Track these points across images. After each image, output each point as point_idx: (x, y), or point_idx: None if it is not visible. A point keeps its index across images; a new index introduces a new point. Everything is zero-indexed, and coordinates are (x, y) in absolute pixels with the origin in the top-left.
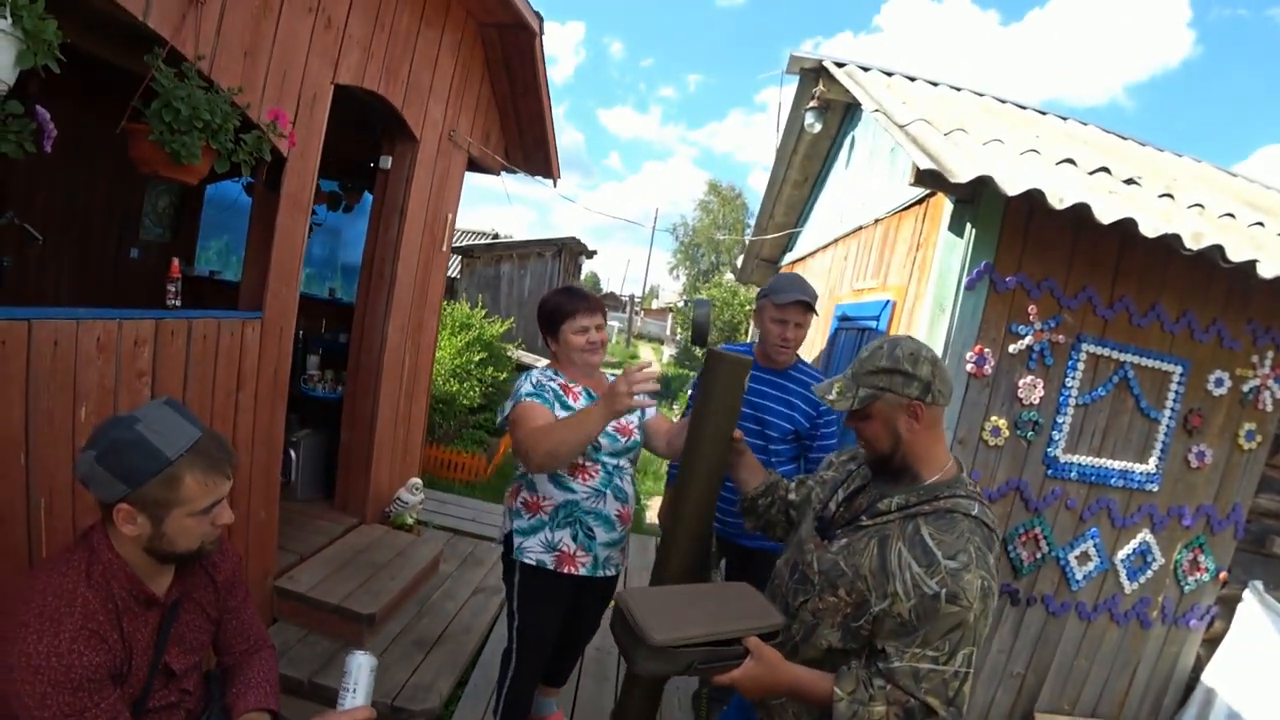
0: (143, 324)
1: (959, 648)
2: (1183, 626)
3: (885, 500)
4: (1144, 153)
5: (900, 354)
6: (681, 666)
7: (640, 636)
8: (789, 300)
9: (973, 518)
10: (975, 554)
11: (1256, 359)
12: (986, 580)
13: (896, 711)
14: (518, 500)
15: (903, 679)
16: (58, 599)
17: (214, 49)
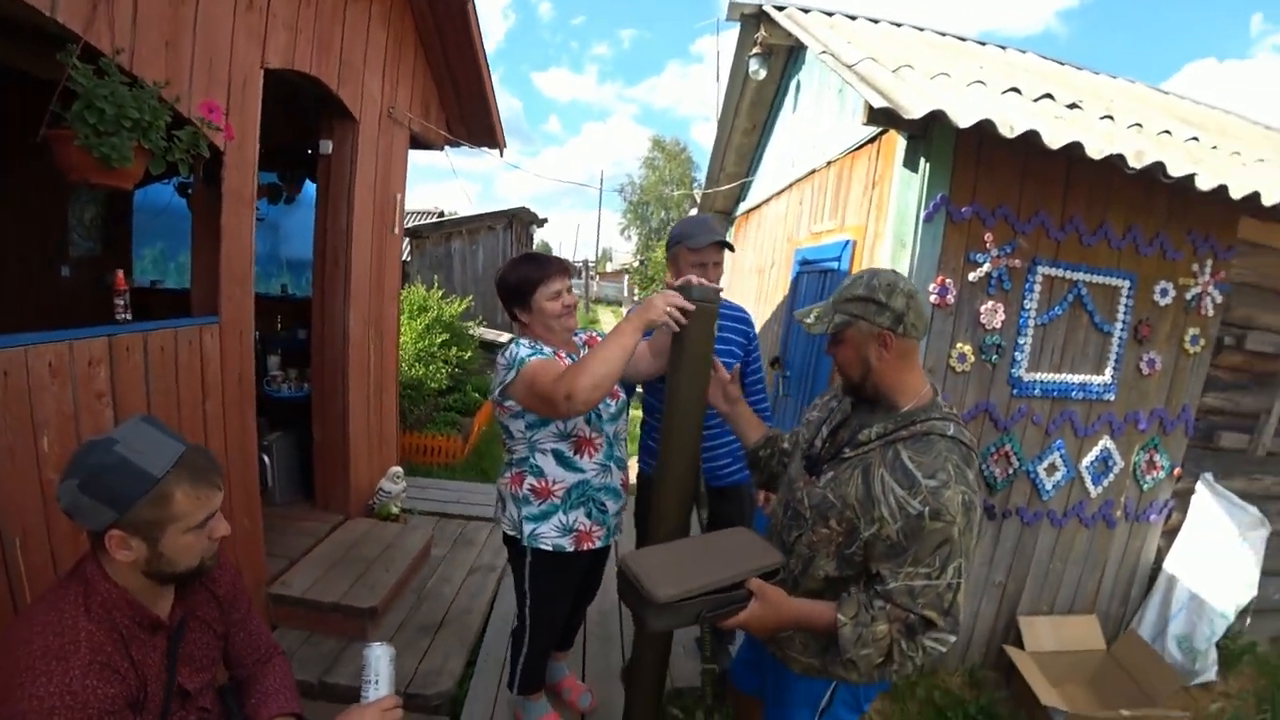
0: (95, 343)
1: (948, 561)
2: (1144, 522)
3: (865, 431)
4: (1082, 77)
5: (877, 284)
6: (690, 618)
7: (647, 597)
8: (705, 242)
9: (949, 438)
10: (954, 471)
11: (1197, 267)
12: (967, 495)
13: (898, 628)
14: (523, 488)
15: (900, 597)
16: (60, 636)
17: (132, 41)
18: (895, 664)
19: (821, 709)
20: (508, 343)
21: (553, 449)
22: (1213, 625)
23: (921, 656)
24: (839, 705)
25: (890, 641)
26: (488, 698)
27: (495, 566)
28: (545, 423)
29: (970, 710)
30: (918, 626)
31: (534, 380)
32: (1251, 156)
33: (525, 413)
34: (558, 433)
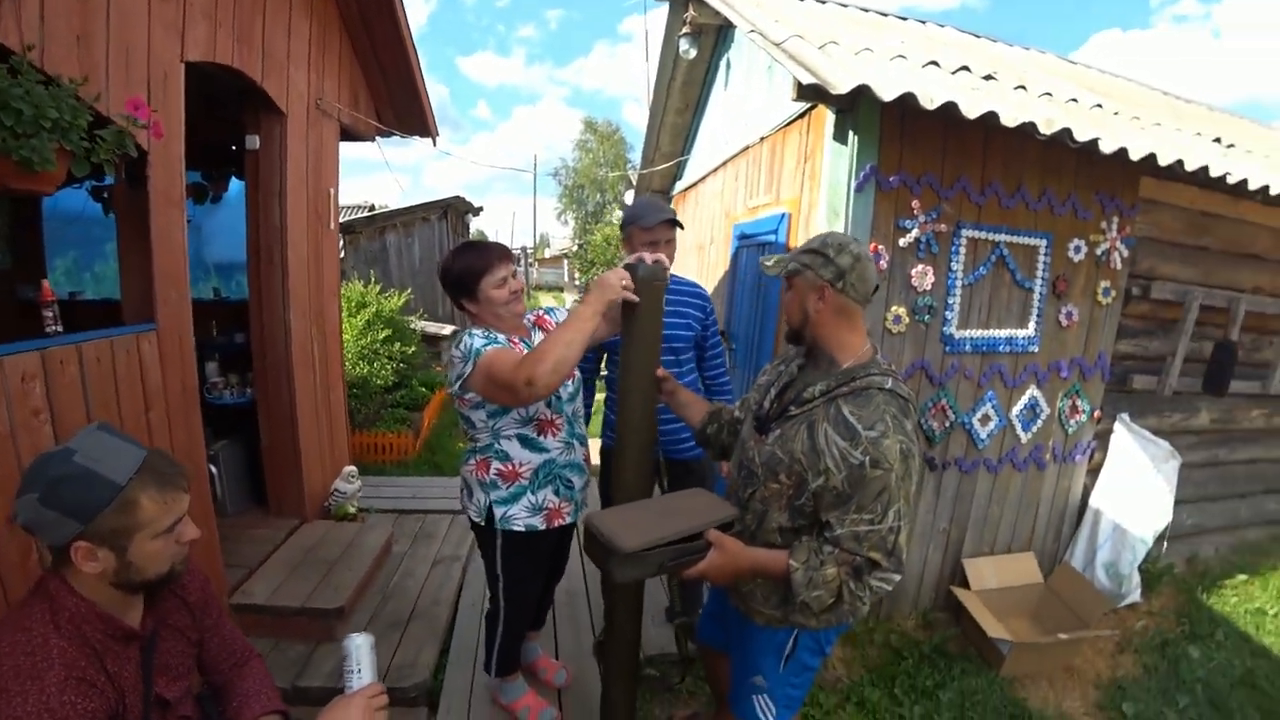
0: (26, 357)
1: (889, 506)
2: (1070, 463)
3: (809, 389)
4: (997, 49)
5: (829, 241)
6: (654, 568)
7: (613, 549)
8: (655, 221)
9: (886, 391)
10: (891, 422)
11: (1105, 225)
12: (904, 444)
13: (846, 570)
14: (490, 473)
15: (847, 543)
16: (30, 656)
17: (41, 36)
18: (846, 604)
19: (786, 655)
20: (460, 334)
21: (516, 434)
22: (1135, 551)
23: (869, 596)
24: (802, 650)
25: (839, 583)
26: (464, 685)
27: (459, 558)
28: (506, 410)
29: (924, 650)
30: (864, 568)
31: (491, 369)
32: (1149, 120)
33: (486, 402)
34: (520, 418)
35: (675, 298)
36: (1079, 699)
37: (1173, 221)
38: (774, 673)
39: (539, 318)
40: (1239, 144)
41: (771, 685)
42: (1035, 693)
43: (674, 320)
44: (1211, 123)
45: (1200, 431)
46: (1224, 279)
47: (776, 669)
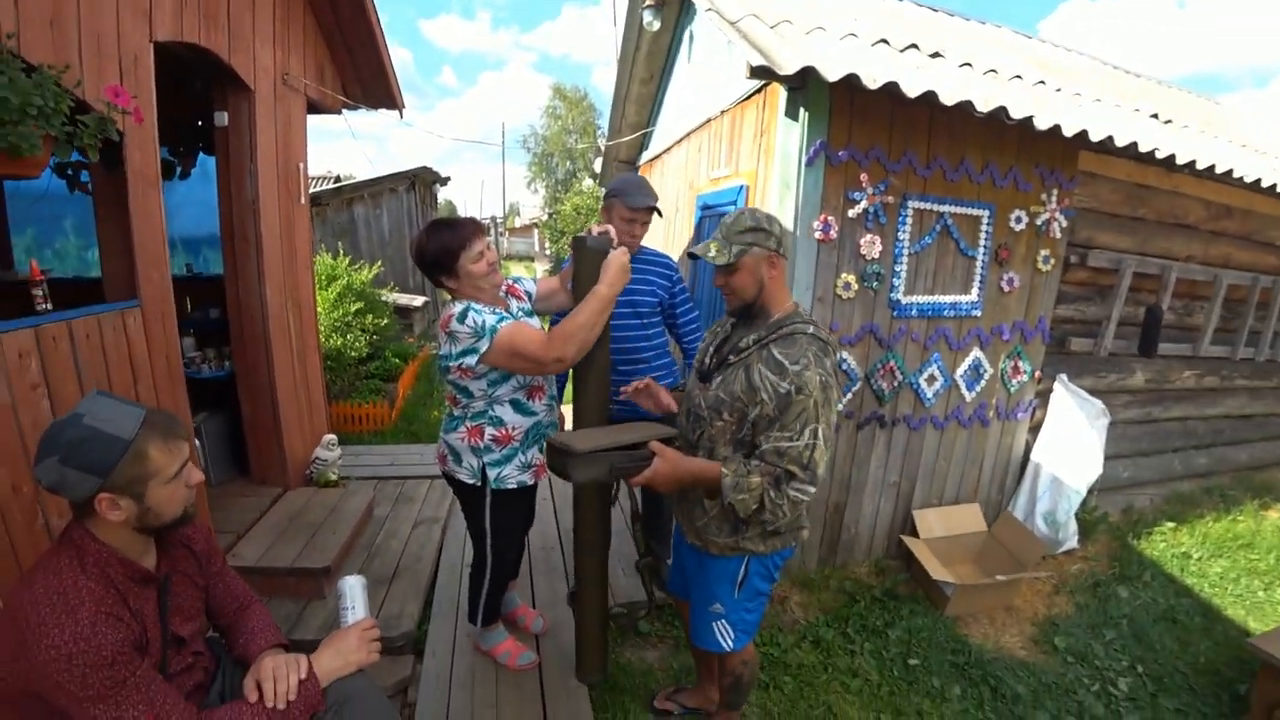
0: (21, 334)
1: (805, 426)
2: (1012, 420)
3: (744, 340)
4: (951, 25)
5: (760, 217)
6: (606, 468)
7: (570, 451)
8: (642, 205)
9: (809, 335)
10: (813, 357)
11: (1045, 196)
12: (823, 376)
13: (768, 480)
14: (485, 439)
15: (770, 457)
16: (63, 596)
17: (17, 24)
18: (768, 510)
19: (740, 581)
20: (459, 310)
21: (511, 399)
22: (1070, 500)
23: (788, 505)
24: (754, 576)
25: (761, 491)
26: (447, 634)
27: (438, 519)
28: (506, 378)
29: (875, 593)
30: (783, 478)
31: (516, 345)
32: (1090, 97)
33: (489, 372)
34: (517, 384)
35: (643, 266)
36: (1017, 635)
37: (1110, 194)
38: (730, 599)
39: (510, 287)
40: (1178, 119)
41: (728, 610)
42: (977, 630)
43: (641, 287)
44: (1155, 98)
45: (1135, 391)
46: (1159, 248)
47: (732, 595)
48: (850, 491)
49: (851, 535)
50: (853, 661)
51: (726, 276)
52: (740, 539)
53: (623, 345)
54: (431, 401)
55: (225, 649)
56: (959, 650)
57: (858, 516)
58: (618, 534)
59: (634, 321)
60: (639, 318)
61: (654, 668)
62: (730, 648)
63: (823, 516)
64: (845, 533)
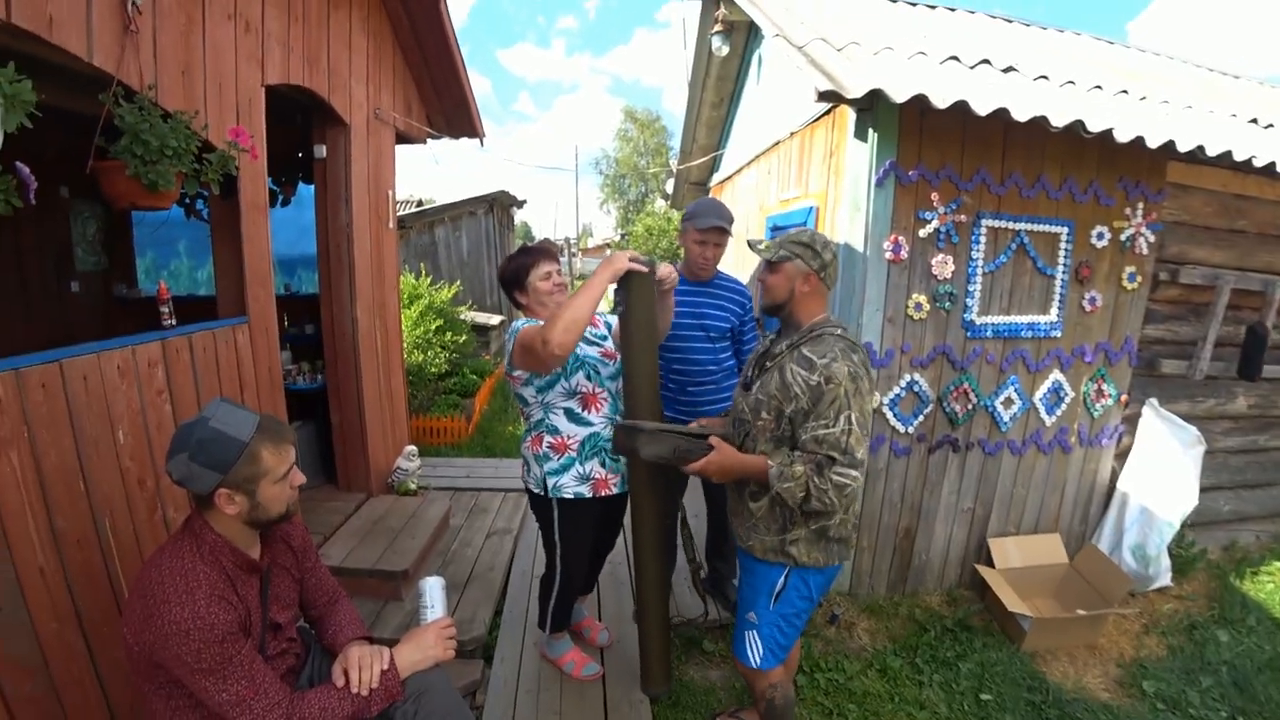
0: (151, 346)
1: (839, 413)
2: (1097, 446)
3: (777, 345)
4: (1027, 35)
5: (818, 239)
6: (670, 448)
7: (639, 428)
8: (708, 225)
9: (836, 335)
10: (840, 352)
11: (1129, 211)
12: (852, 367)
13: (810, 467)
14: (543, 446)
15: (809, 445)
16: (184, 577)
17: (155, 75)
18: (814, 497)
19: (777, 592)
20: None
21: (564, 407)
22: (1161, 534)
23: (833, 490)
24: (791, 590)
25: (806, 478)
26: (516, 641)
27: (510, 530)
28: (552, 384)
29: (947, 624)
30: (824, 464)
31: (522, 339)
32: (1180, 104)
33: (533, 378)
34: (565, 391)
35: (718, 291)
36: (1100, 675)
37: (1204, 206)
38: (765, 609)
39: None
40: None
41: (761, 622)
42: (1055, 668)
43: (714, 311)
44: (1255, 101)
45: (1237, 417)
46: (1261, 262)
47: (767, 605)
48: (921, 516)
49: (922, 562)
50: (921, 693)
51: (767, 273)
52: (785, 541)
53: (693, 366)
54: (506, 417)
55: (315, 639)
56: (1035, 688)
57: (929, 543)
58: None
59: (705, 344)
60: (710, 340)
61: (716, 687)
62: (755, 664)
63: (893, 542)
64: (916, 559)
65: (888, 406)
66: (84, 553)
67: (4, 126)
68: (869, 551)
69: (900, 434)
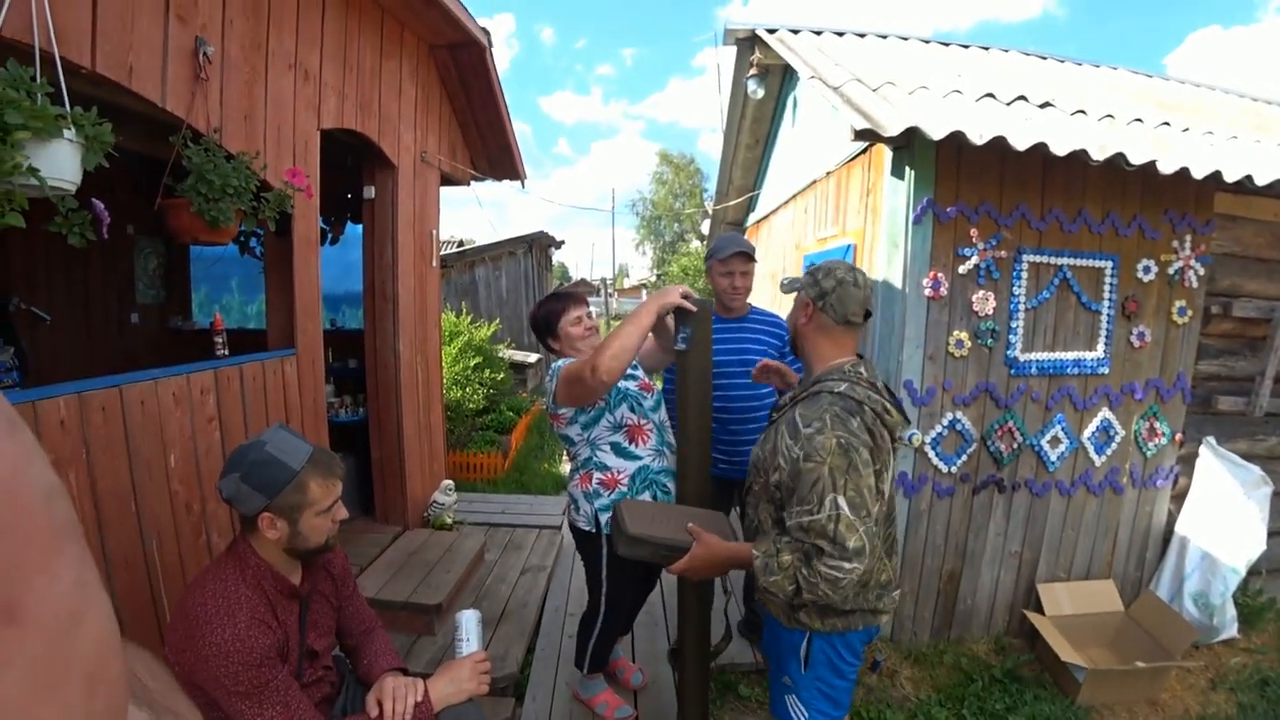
0: (205, 375)
1: (824, 496)
2: (1151, 487)
3: (784, 396)
4: (1062, 71)
5: (823, 267)
6: (649, 552)
7: (623, 529)
8: (728, 254)
9: (836, 394)
10: (830, 420)
11: (1177, 244)
12: (843, 438)
13: (798, 557)
14: (593, 483)
15: (796, 533)
16: (226, 599)
17: (221, 119)
18: (805, 590)
19: (804, 657)
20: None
21: (610, 442)
22: (1226, 581)
23: (824, 585)
24: (817, 655)
25: (794, 569)
26: (548, 679)
27: (544, 567)
28: (597, 419)
29: (995, 673)
30: (812, 554)
31: (567, 372)
32: (1224, 135)
33: (578, 415)
34: (611, 424)
35: (754, 326)
36: None
37: (1255, 236)
38: (798, 674)
39: None
40: None
41: (798, 686)
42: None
43: (752, 346)
44: None
45: None
46: None
47: (799, 670)
48: (966, 560)
49: (968, 607)
50: None
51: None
52: (794, 612)
53: (734, 404)
54: (542, 454)
55: (350, 669)
56: None
57: (975, 587)
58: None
59: (744, 381)
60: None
61: None
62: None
63: (936, 585)
64: (961, 604)
65: (930, 446)
66: (131, 574)
67: (84, 165)
68: (911, 596)
69: (943, 474)
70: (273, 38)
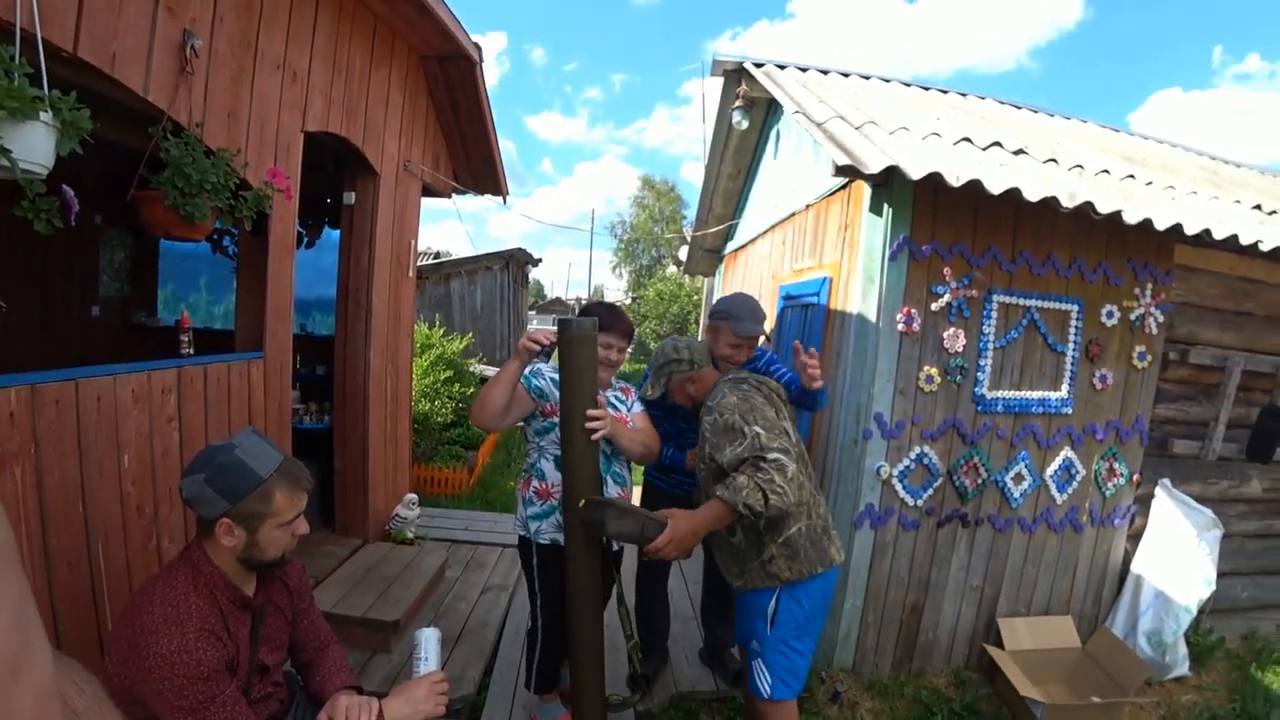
0: (167, 373)
1: (741, 429)
2: (1109, 526)
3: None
4: (1035, 120)
5: (672, 349)
6: (635, 525)
7: (609, 503)
8: (749, 334)
9: (727, 380)
10: (726, 387)
11: (1139, 291)
12: (739, 393)
13: (748, 471)
14: (530, 490)
15: (734, 464)
16: (175, 608)
17: (203, 115)
18: (767, 490)
19: (772, 615)
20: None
21: (554, 454)
22: (1178, 620)
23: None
24: (784, 611)
25: (750, 479)
26: (505, 703)
27: (506, 587)
28: (548, 430)
29: (955, 707)
30: (755, 463)
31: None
32: (1185, 190)
33: (532, 419)
34: (557, 439)
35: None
36: None
37: (1211, 288)
38: (764, 633)
39: (624, 387)
40: None
41: (764, 648)
42: None
43: None
44: (1258, 188)
45: (1253, 500)
46: (1271, 345)
47: (765, 629)
48: (929, 593)
49: (930, 639)
50: None
51: (671, 398)
52: (765, 563)
53: None
54: (509, 472)
55: (301, 685)
56: None
57: (936, 620)
58: (685, 620)
59: None
60: None
61: None
62: (766, 693)
63: (899, 618)
64: (923, 636)
65: (897, 478)
66: (73, 574)
67: (58, 150)
68: (874, 627)
69: (909, 507)
70: (263, 36)
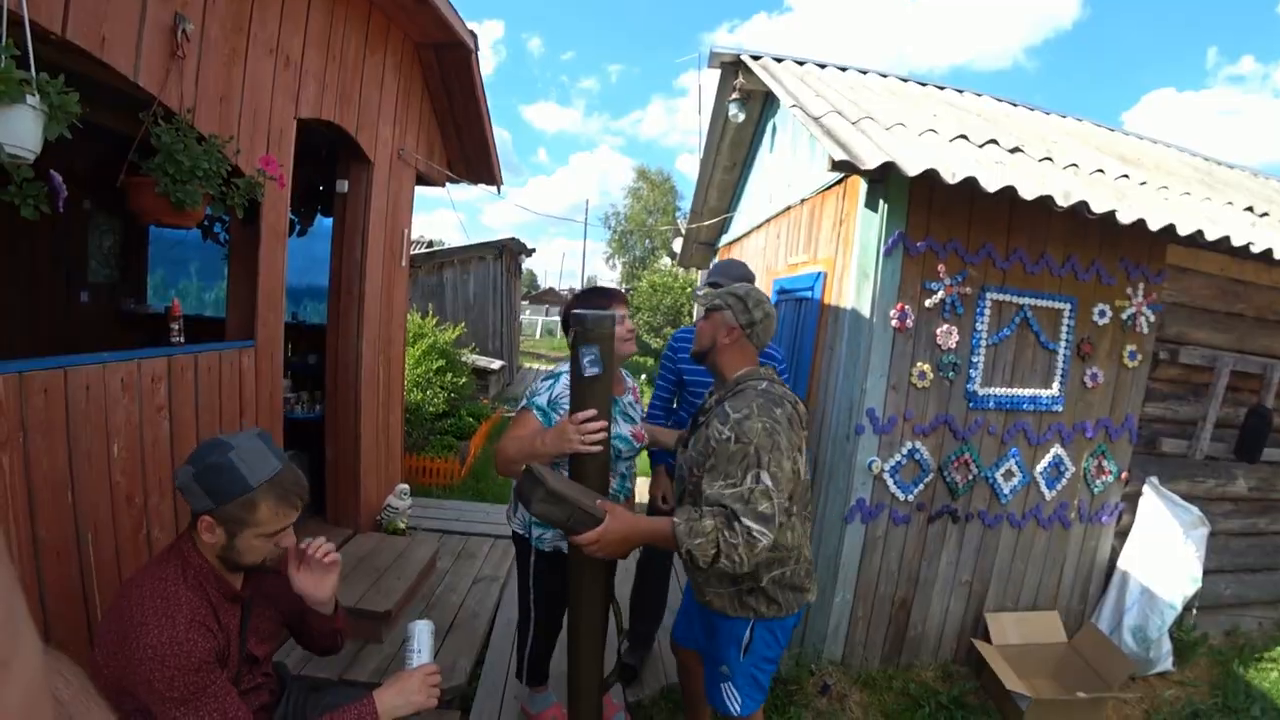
0: (157, 362)
1: (748, 471)
2: (1097, 523)
3: (708, 400)
4: (1031, 118)
5: (752, 294)
6: (564, 514)
7: (541, 481)
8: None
9: (759, 390)
10: (758, 408)
11: (1130, 290)
12: (768, 424)
13: (720, 521)
14: None
15: (714, 500)
16: (165, 599)
17: (195, 100)
18: (724, 552)
19: (745, 645)
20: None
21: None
22: (1163, 616)
23: (743, 545)
24: (758, 641)
25: (716, 533)
26: (495, 693)
27: (497, 578)
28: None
29: (942, 700)
30: (731, 518)
31: (511, 423)
32: (1178, 190)
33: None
34: None
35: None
36: None
37: (1202, 288)
38: (736, 662)
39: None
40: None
41: (734, 674)
42: None
43: None
44: (1250, 190)
45: (1238, 499)
46: (1260, 345)
47: (737, 658)
48: (918, 587)
49: (918, 634)
50: None
51: (702, 319)
52: (741, 592)
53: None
54: None
55: (292, 676)
56: None
57: (925, 614)
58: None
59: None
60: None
61: None
62: (737, 711)
63: (888, 612)
64: (912, 630)
65: (888, 473)
66: (62, 566)
67: (46, 134)
68: (864, 621)
69: (900, 502)
70: (256, 21)
